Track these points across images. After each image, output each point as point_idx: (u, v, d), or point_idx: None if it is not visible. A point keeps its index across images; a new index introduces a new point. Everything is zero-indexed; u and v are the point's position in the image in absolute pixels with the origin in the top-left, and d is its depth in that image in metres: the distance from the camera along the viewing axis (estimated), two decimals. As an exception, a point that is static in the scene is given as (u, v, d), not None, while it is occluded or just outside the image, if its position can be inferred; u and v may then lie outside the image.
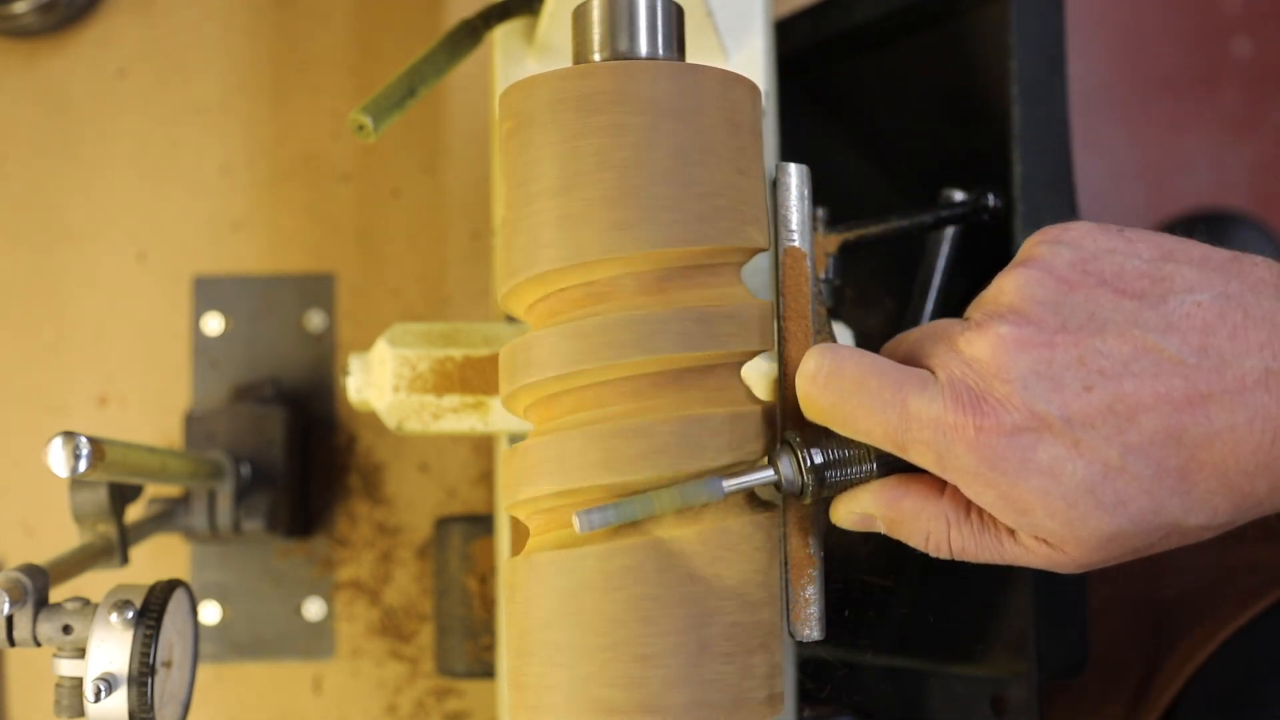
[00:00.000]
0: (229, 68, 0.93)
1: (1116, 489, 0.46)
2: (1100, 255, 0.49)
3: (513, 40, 0.72)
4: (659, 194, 0.50)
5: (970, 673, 0.71)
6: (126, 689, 0.55)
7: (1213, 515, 0.47)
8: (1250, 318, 0.46)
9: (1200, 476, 0.46)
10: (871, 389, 0.49)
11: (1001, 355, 0.47)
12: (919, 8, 0.75)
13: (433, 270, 0.92)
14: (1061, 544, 0.48)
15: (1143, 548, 0.49)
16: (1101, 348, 0.47)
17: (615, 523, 0.49)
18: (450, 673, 0.82)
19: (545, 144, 0.51)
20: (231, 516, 0.79)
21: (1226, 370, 0.46)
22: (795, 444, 0.52)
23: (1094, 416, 0.46)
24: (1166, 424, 0.46)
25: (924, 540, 0.51)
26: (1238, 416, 0.46)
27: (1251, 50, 1.65)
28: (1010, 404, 0.47)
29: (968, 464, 0.47)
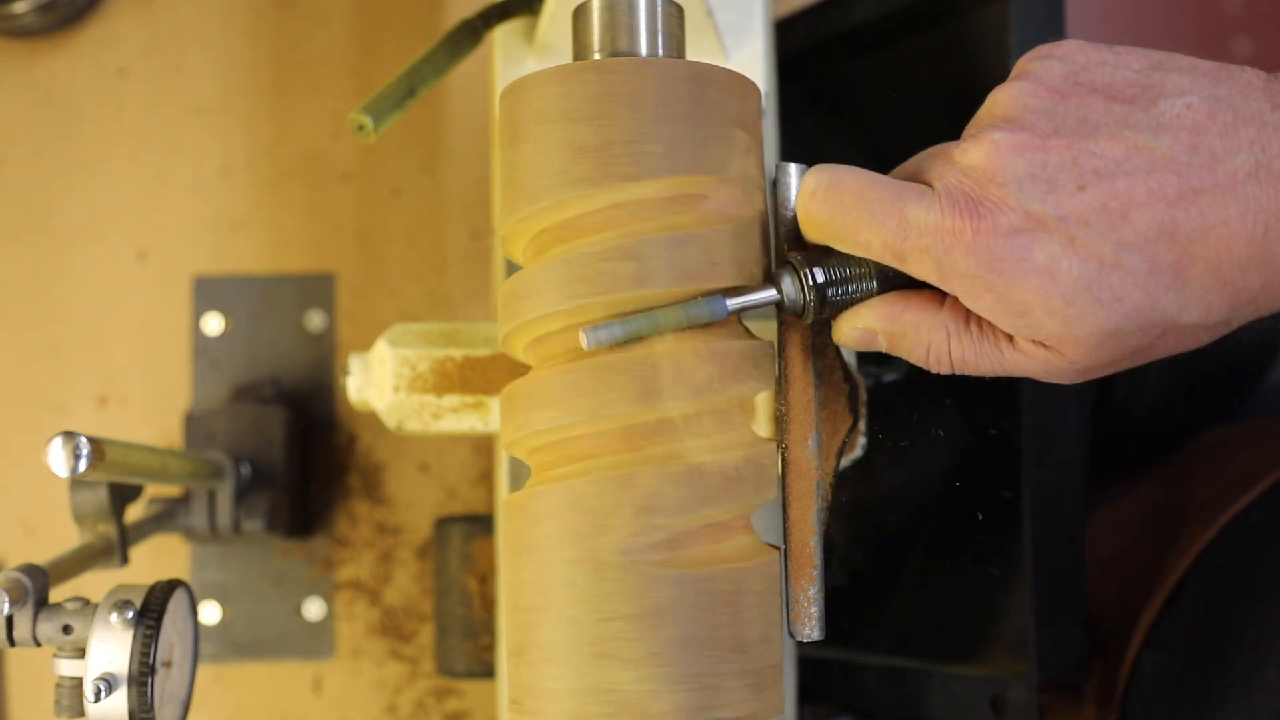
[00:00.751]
0: (229, 68, 0.93)
1: (1112, 285, 0.47)
2: (1091, 67, 0.50)
3: (513, 40, 0.72)
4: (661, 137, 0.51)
5: (970, 673, 0.71)
6: (126, 689, 0.55)
7: (1207, 312, 0.48)
8: (1240, 117, 0.47)
9: (1194, 272, 0.47)
10: (870, 200, 0.50)
11: (996, 160, 0.48)
12: (919, 8, 0.75)
13: (433, 270, 0.92)
14: (1059, 345, 0.49)
15: (1139, 349, 0.49)
16: (1094, 149, 0.48)
17: (621, 338, 0.49)
18: (450, 673, 0.82)
19: (544, 142, 0.51)
20: (231, 516, 0.79)
21: (1218, 166, 0.47)
22: (797, 263, 0.52)
23: (1088, 214, 0.47)
24: (1160, 220, 0.47)
25: (925, 353, 0.52)
26: (1230, 210, 0.46)
27: (1251, 50, 1.65)
28: (1006, 205, 0.48)
29: (966, 267, 0.48)
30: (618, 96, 0.50)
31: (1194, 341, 0.50)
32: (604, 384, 0.50)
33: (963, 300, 0.50)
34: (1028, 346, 0.50)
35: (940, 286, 0.50)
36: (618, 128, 0.50)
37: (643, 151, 0.50)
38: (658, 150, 0.50)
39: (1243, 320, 0.49)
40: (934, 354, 0.52)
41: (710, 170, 0.51)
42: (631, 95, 0.50)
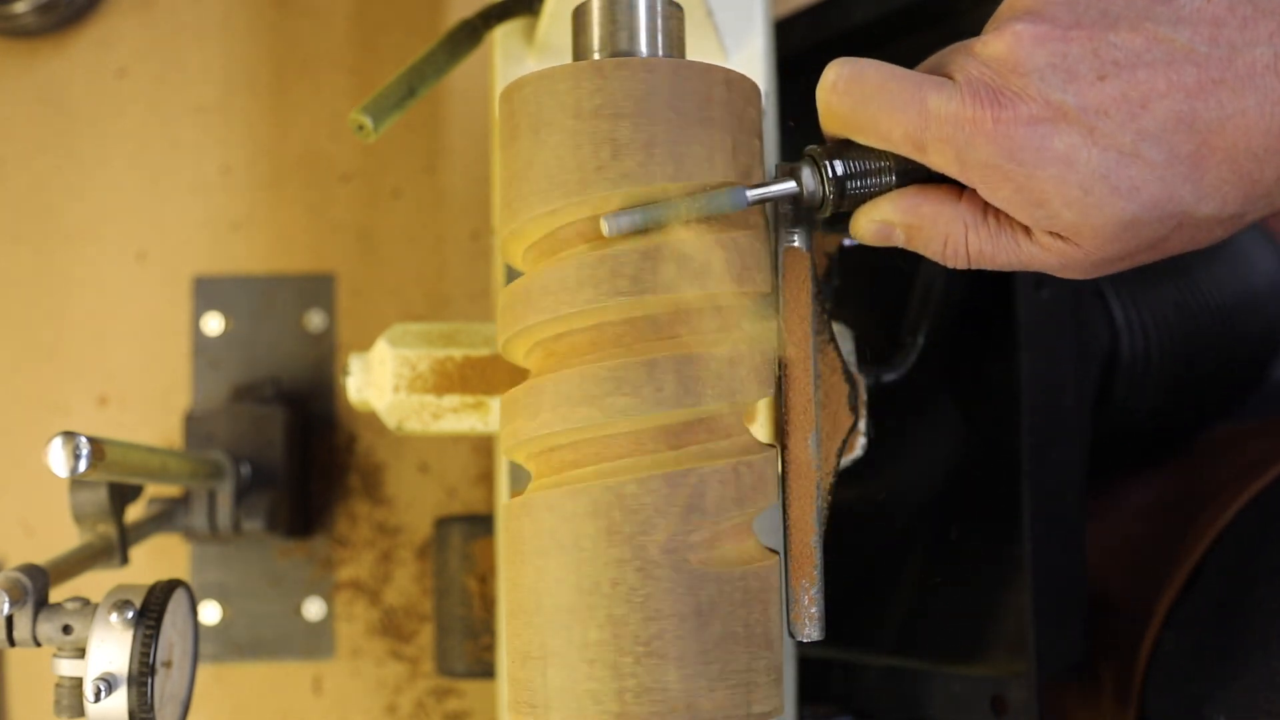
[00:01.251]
0: (229, 68, 0.93)
1: (1130, 175, 0.47)
2: None
3: (513, 40, 0.72)
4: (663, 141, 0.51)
5: (970, 673, 0.71)
6: (126, 689, 0.55)
7: (1223, 204, 0.48)
8: (1259, 10, 0.48)
9: (1211, 162, 0.47)
10: (892, 90, 0.50)
11: (1018, 50, 0.48)
12: (919, 8, 0.75)
13: (433, 270, 0.92)
14: (1076, 235, 0.49)
15: (1155, 241, 0.49)
16: (1115, 40, 0.48)
17: (641, 224, 0.49)
18: (450, 673, 0.82)
19: (544, 142, 0.51)
20: (231, 516, 0.79)
21: (1237, 57, 0.47)
22: (816, 155, 0.52)
23: (1108, 104, 0.47)
24: (1179, 110, 0.47)
25: (942, 245, 0.52)
26: (1248, 100, 0.47)
27: (1251, 50, 1.65)
28: (1027, 95, 0.48)
29: (986, 156, 0.48)
30: (617, 98, 0.50)
31: (1209, 236, 0.50)
32: (619, 381, 0.50)
33: (981, 191, 0.50)
34: (1045, 239, 0.50)
35: (960, 178, 0.50)
36: (619, 129, 0.50)
37: (645, 155, 0.50)
38: (659, 155, 0.50)
39: (1257, 214, 0.50)
40: (951, 246, 0.52)
41: (709, 175, 0.51)
42: (630, 97, 0.50)
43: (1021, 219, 0.50)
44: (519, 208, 0.52)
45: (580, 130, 0.50)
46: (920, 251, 0.53)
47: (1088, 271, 0.51)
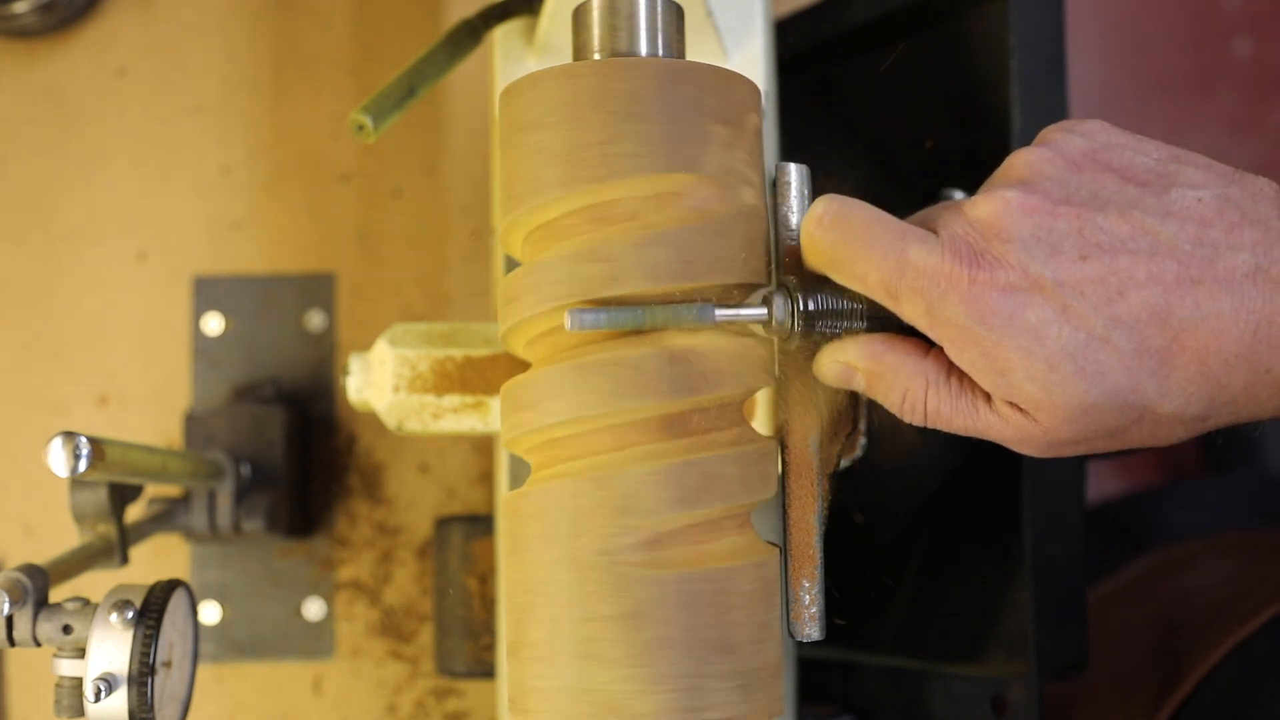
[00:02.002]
0: (229, 68, 0.93)
1: (1098, 358, 0.47)
2: (1111, 148, 0.51)
3: (513, 40, 0.72)
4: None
5: (970, 673, 0.71)
6: (126, 689, 0.55)
7: (1186, 404, 0.48)
8: (1247, 219, 0.48)
9: (1180, 360, 0.47)
10: (875, 233, 0.50)
11: (1004, 217, 0.49)
12: (919, 8, 0.75)
13: (433, 270, 0.92)
14: (1036, 410, 0.49)
15: (1114, 430, 0.49)
16: (1102, 223, 0.48)
17: (605, 327, 0.49)
18: (450, 673, 0.82)
19: (544, 143, 0.51)
20: (231, 516, 0.79)
21: (1219, 260, 0.47)
22: (791, 286, 0.52)
23: (1086, 285, 0.47)
24: (1155, 302, 0.47)
25: (901, 398, 0.52)
26: (1224, 304, 0.47)
27: (1251, 50, 1.65)
28: (1007, 261, 0.48)
29: (957, 315, 0.48)
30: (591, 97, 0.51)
31: (1169, 434, 0.50)
32: (583, 385, 0.50)
33: (948, 351, 0.50)
34: (1004, 409, 0.50)
35: (928, 333, 0.50)
36: (592, 129, 0.50)
37: (613, 152, 0.50)
38: (628, 150, 0.50)
39: (1219, 421, 0.50)
40: (909, 401, 0.52)
41: (685, 167, 0.51)
42: (601, 95, 0.50)
43: (984, 385, 0.50)
44: (517, 200, 0.52)
45: (579, 129, 0.51)
46: (878, 400, 0.53)
47: (1042, 450, 0.51)
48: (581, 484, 0.50)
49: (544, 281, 0.51)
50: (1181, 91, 1.65)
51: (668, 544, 0.50)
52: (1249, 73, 1.65)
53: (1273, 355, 0.47)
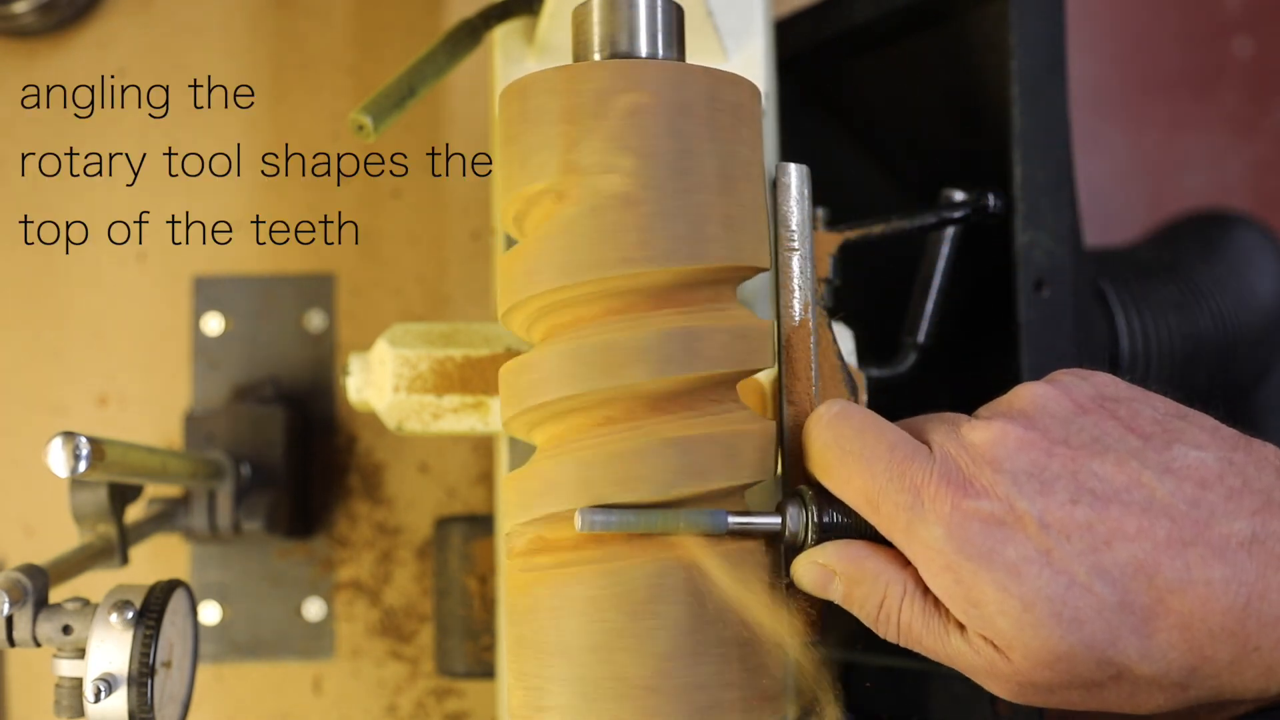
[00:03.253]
0: (229, 68, 0.93)
1: (1077, 606, 0.46)
2: (1119, 398, 0.50)
3: (513, 40, 0.72)
4: (702, 205, 0.50)
5: (970, 673, 0.71)
6: (126, 689, 0.55)
7: (1166, 669, 0.46)
8: (1248, 486, 0.46)
9: (1164, 623, 0.45)
10: (867, 440, 0.50)
11: (999, 448, 0.48)
12: (919, 8, 0.75)
13: (433, 270, 0.92)
14: (1008, 648, 0.47)
15: (1089, 683, 0.47)
16: (1098, 470, 0.47)
17: (615, 528, 0.49)
18: (450, 673, 0.82)
19: (543, 147, 0.51)
20: (231, 516, 0.79)
21: (1214, 525, 0.46)
22: (807, 499, 0.52)
23: (1072, 529, 0.46)
24: (1142, 559, 0.45)
25: (877, 607, 0.50)
26: (1215, 572, 0.45)
27: (1251, 50, 1.65)
28: (994, 493, 0.47)
29: (934, 538, 0.47)
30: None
31: (1146, 701, 0.48)
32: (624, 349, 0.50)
33: (922, 573, 0.48)
34: (976, 640, 0.48)
35: (904, 550, 0.49)
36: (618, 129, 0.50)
37: (643, 154, 0.50)
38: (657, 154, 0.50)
39: (1200, 695, 0.47)
40: (885, 610, 0.50)
41: (710, 174, 0.51)
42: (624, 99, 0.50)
43: (957, 614, 0.48)
44: (517, 190, 0.52)
45: (579, 130, 0.50)
46: (854, 610, 0.51)
47: (1013, 692, 0.49)
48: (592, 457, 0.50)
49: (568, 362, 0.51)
50: (1181, 91, 1.65)
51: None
52: (1249, 73, 1.65)
53: (1262, 633, 0.45)
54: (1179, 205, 1.56)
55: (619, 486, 0.49)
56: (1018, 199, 0.67)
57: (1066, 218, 0.68)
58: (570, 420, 0.52)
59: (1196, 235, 1.00)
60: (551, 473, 0.51)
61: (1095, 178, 1.60)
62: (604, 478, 0.49)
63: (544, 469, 0.51)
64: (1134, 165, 1.63)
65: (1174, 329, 0.85)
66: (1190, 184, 1.61)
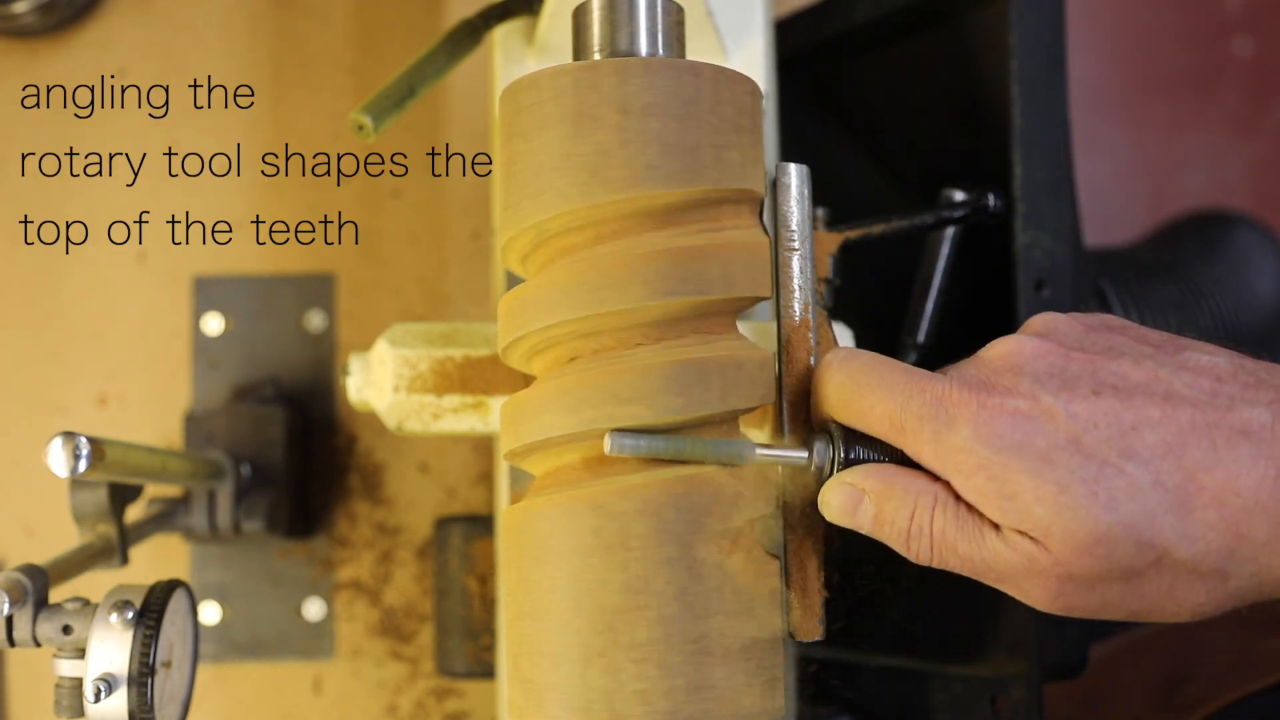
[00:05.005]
0: (229, 68, 0.93)
1: (1111, 485, 0.46)
2: (1125, 323, 0.51)
3: (513, 40, 0.72)
4: (656, 154, 0.50)
5: (970, 673, 0.71)
6: (126, 689, 0.55)
7: (1205, 550, 0.46)
8: (1262, 382, 0.47)
9: (1199, 501, 0.46)
10: (882, 371, 0.50)
11: (1018, 354, 0.49)
12: (919, 8, 0.75)
13: (433, 270, 0.92)
14: (1046, 537, 0.47)
15: (1129, 569, 0.47)
16: (1116, 369, 0.48)
17: (644, 452, 0.49)
18: (450, 673, 0.82)
19: (544, 141, 0.51)
20: (231, 516, 0.79)
21: (1235, 410, 0.46)
22: (834, 434, 0.52)
23: (1099, 417, 0.46)
24: (1169, 440, 0.46)
25: (909, 519, 0.50)
26: (1242, 450, 0.46)
27: (1252, 50, 1.65)
28: (1018, 390, 0.48)
29: (963, 440, 0.47)
30: (617, 99, 0.50)
31: (1187, 594, 0.47)
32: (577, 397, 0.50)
33: (953, 479, 0.48)
34: (1013, 536, 0.48)
35: (934, 464, 0.49)
36: (619, 131, 0.50)
37: (644, 158, 0.50)
38: (658, 157, 0.50)
39: (1240, 584, 0.47)
40: (917, 522, 0.50)
41: (710, 181, 0.51)
42: (629, 97, 0.50)
43: (991, 514, 0.48)
44: (518, 214, 0.52)
45: (579, 132, 0.50)
46: (884, 530, 0.51)
47: (1053, 590, 0.48)
48: (695, 480, 0.50)
49: (565, 294, 0.51)
50: (1181, 91, 1.65)
51: (742, 546, 0.51)
52: (1249, 73, 1.65)
53: None
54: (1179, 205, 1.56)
55: (613, 409, 0.49)
56: (1018, 199, 0.67)
57: (1066, 218, 0.68)
58: (565, 347, 0.52)
59: (1196, 235, 1.00)
60: (545, 397, 0.51)
61: (1095, 178, 1.60)
62: (597, 401, 0.49)
63: (538, 394, 0.51)
64: (1134, 165, 1.63)
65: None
66: (1190, 184, 1.61)
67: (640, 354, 0.50)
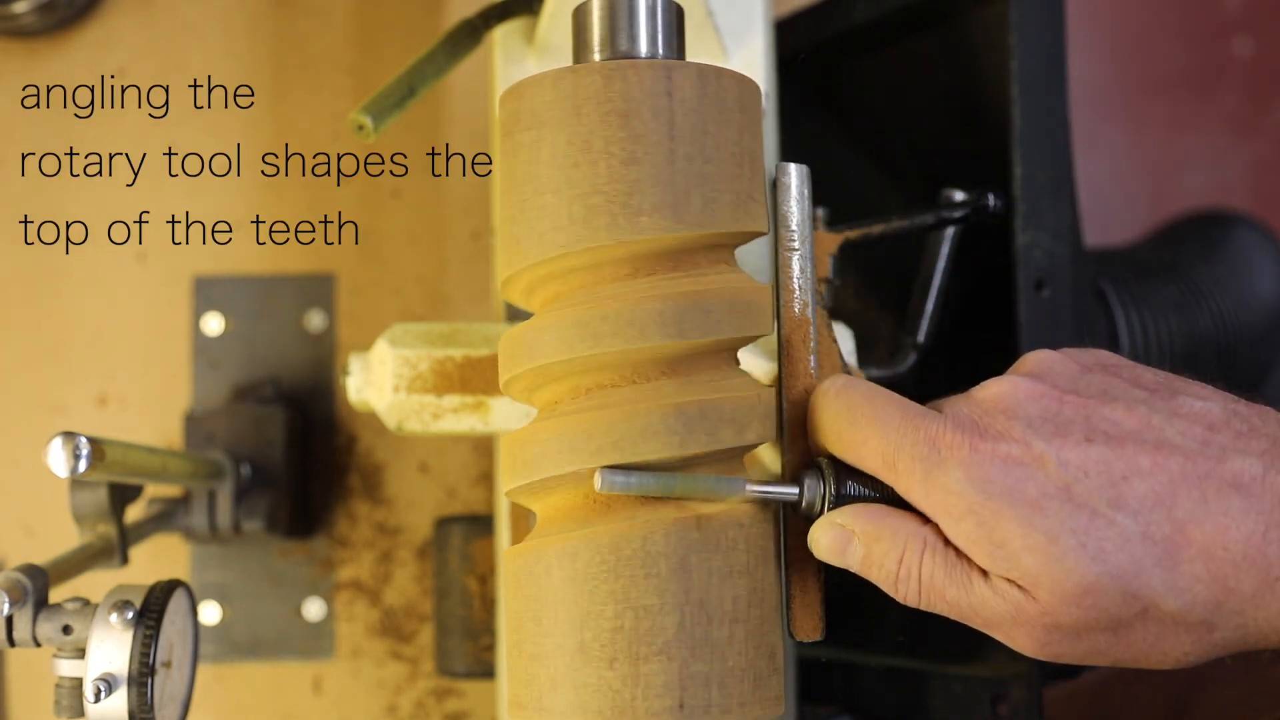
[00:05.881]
0: (229, 68, 0.93)
1: (1100, 536, 0.46)
2: (1120, 363, 0.51)
3: (513, 40, 0.72)
4: (657, 183, 0.50)
5: (970, 673, 0.71)
6: (126, 689, 0.55)
7: (1192, 603, 0.46)
8: (1254, 430, 0.47)
9: (1187, 554, 0.46)
10: (877, 405, 0.50)
11: (1011, 397, 0.49)
12: (919, 8, 0.75)
13: (433, 270, 0.92)
14: (1034, 586, 0.47)
15: (1116, 620, 0.47)
16: (1109, 415, 0.48)
17: (634, 489, 0.49)
18: (450, 673, 0.82)
19: (545, 143, 0.51)
20: (231, 516, 0.79)
21: (1227, 461, 0.46)
22: (825, 470, 0.52)
23: (1090, 466, 0.47)
24: (1159, 491, 0.46)
25: (897, 562, 0.50)
26: (1232, 502, 0.46)
27: (1251, 50, 1.65)
28: (1011, 435, 0.47)
29: (954, 482, 0.47)
30: (617, 100, 0.50)
31: (1174, 644, 0.48)
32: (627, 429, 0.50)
33: (942, 522, 0.48)
34: (1001, 584, 0.48)
35: (923, 505, 0.49)
36: (619, 133, 0.50)
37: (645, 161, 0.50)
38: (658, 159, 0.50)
39: (1227, 633, 0.47)
40: (905, 565, 0.50)
41: (711, 225, 0.51)
42: (630, 98, 0.50)
43: (979, 560, 0.48)
44: (519, 252, 0.52)
45: (580, 135, 0.50)
46: (873, 572, 0.51)
47: (1039, 639, 0.48)
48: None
49: (566, 340, 0.51)
50: (1181, 91, 1.64)
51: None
52: (1249, 73, 1.65)
53: None
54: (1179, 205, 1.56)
55: (612, 451, 0.49)
56: (1018, 199, 0.67)
57: (1066, 218, 0.68)
58: (566, 384, 0.52)
59: (1196, 235, 1.00)
60: (544, 435, 0.51)
61: (1095, 178, 1.60)
62: (595, 442, 0.49)
63: (537, 431, 0.51)
64: (1134, 165, 1.63)
65: (1174, 329, 0.85)
66: (1190, 184, 1.61)
67: (643, 390, 0.50)
